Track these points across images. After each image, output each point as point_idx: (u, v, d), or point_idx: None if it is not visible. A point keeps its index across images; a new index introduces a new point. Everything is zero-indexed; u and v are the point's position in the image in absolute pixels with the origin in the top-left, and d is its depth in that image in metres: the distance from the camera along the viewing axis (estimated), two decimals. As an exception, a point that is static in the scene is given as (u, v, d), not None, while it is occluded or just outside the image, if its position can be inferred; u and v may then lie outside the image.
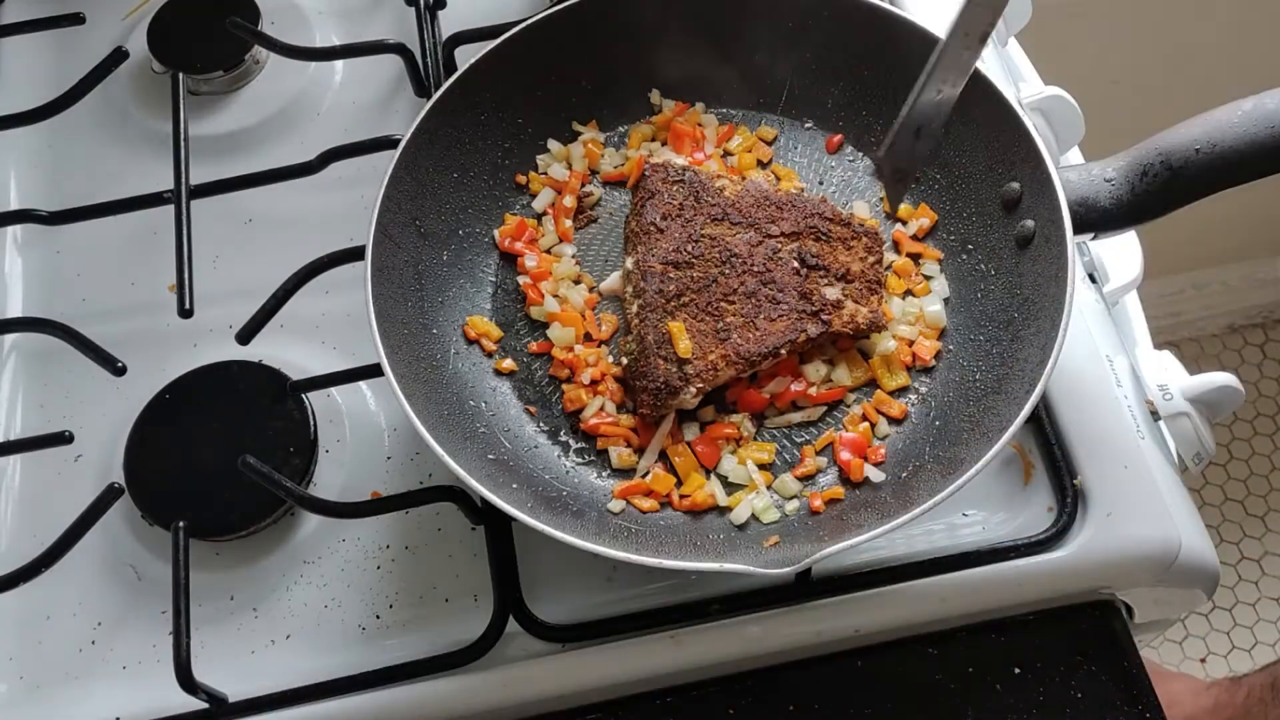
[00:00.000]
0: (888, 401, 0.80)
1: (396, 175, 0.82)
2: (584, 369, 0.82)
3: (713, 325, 0.79)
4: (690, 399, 0.78)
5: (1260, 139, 0.72)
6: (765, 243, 0.82)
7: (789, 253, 0.82)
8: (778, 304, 0.80)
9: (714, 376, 0.78)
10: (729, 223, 0.83)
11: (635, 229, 0.84)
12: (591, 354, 0.83)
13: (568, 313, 0.84)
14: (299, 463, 0.83)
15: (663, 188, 0.85)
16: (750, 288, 0.80)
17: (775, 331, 0.79)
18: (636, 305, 0.81)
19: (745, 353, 0.78)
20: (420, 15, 1.03)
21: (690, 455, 0.79)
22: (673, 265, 0.81)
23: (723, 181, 0.86)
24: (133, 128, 1.02)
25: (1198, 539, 0.81)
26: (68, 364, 0.89)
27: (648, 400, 0.78)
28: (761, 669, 0.77)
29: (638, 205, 0.85)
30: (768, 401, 0.80)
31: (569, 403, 0.81)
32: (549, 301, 0.85)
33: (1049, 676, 0.76)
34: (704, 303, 0.80)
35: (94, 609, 0.82)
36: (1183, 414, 0.86)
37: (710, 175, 0.86)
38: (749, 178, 0.88)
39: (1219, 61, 1.70)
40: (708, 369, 0.78)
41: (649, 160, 0.88)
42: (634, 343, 0.80)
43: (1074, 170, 0.78)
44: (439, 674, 0.76)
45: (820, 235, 0.83)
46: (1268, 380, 2.23)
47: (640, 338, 0.79)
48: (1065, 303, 0.72)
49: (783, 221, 0.83)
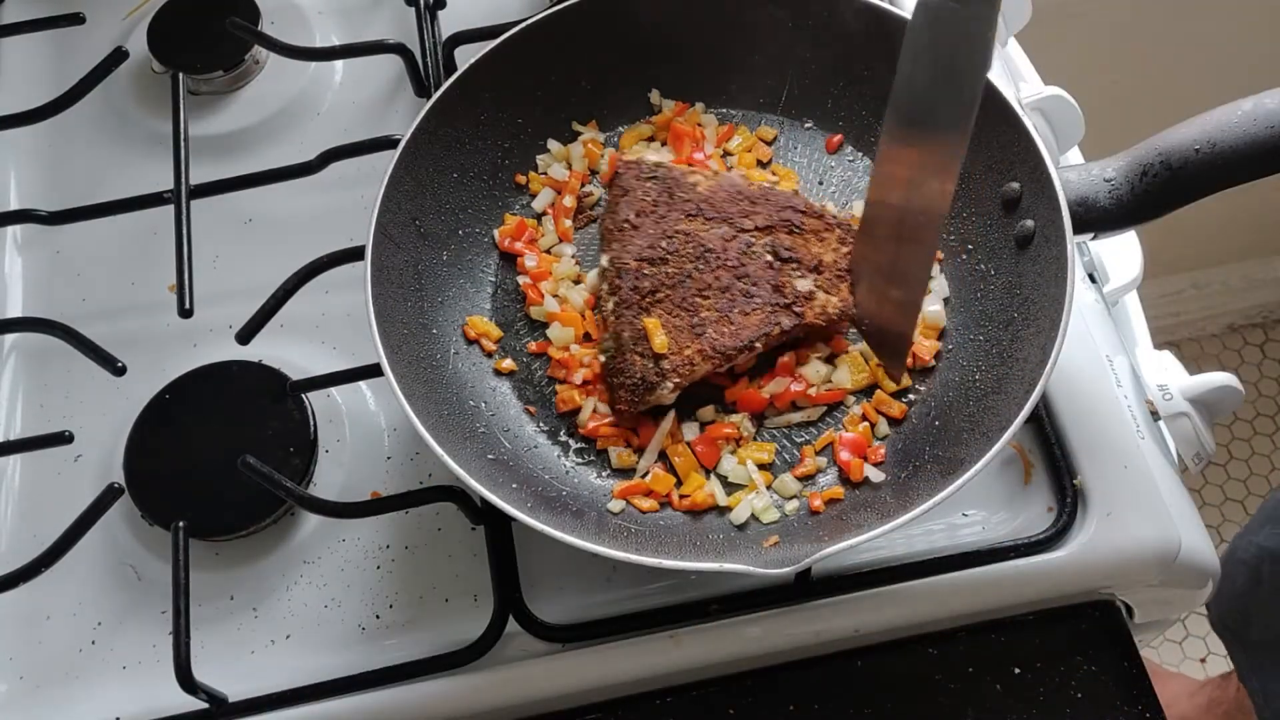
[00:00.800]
0: (887, 402, 0.80)
1: (396, 175, 0.82)
2: (577, 369, 0.82)
3: (688, 320, 0.79)
4: (668, 394, 0.78)
5: (1260, 139, 0.72)
6: (739, 237, 0.82)
7: (762, 246, 0.82)
8: (751, 298, 0.80)
9: (690, 371, 0.78)
10: (703, 218, 0.83)
11: (610, 226, 0.84)
12: (586, 354, 0.83)
13: (567, 313, 0.84)
14: (299, 463, 0.83)
15: (636, 185, 0.85)
16: (724, 282, 0.81)
17: (750, 325, 0.79)
18: (612, 303, 0.81)
19: (721, 347, 0.79)
20: (420, 15, 1.03)
21: (690, 455, 0.79)
22: (647, 262, 0.81)
23: (696, 177, 0.86)
24: (133, 128, 1.02)
25: (1198, 539, 0.81)
26: (68, 364, 0.89)
27: (625, 396, 0.78)
28: (761, 669, 0.77)
29: (612, 203, 0.86)
30: (768, 402, 0.80)
31: (561, 403, 0.82)
32: (549, 301, 0.85)
33: (1049, 676, 0.76)
34: (679, 298, 0.80)
35: (94, 609, 0.82)
36: (1183, 414, 0.86)
37: (684, 171, 0.86)
38: (722, 172, 0.88)
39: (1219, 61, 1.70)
40: (684, 364, 0.78)
41: (622, 158, 0.88)
42: (610, 340, 0.81)
43: (1074, 170, 0.78)
44: (439, 674, 0.76)
45: (793, 228, 0.83)
46: (1268, 380, 2.23)
47: (616, 335, 0.80)
48: (1065, 303, 0.72)
49: (756, 215, 0.83)
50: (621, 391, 0.78)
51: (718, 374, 0.80)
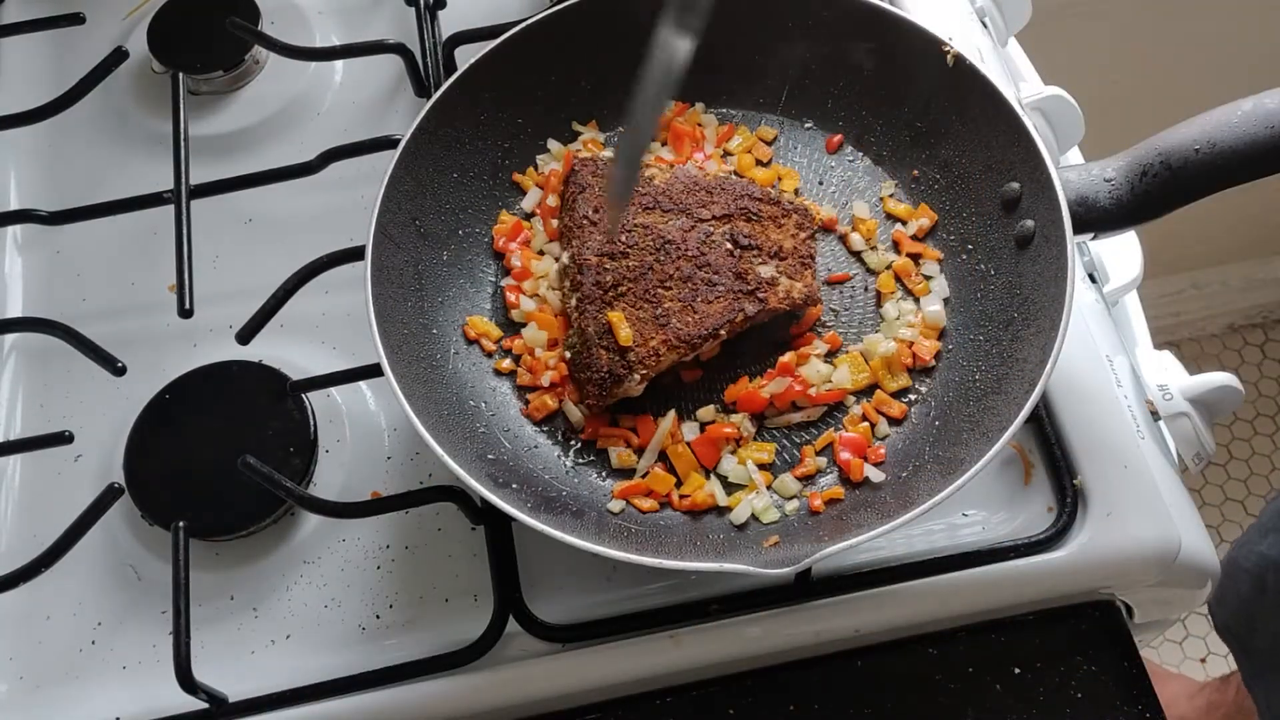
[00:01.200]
0: (888, 402, 0.80)
1: (396, 175, 0.82)
2: (543, 372, 0.82)
3: (651, 312, 0.80)
4: (635, 386, 0.78)
5: (1260, 139, 0.72)
6: (697, 227, 0.83)
7: (721, 235, 0.82)
8: (714, 286, 0.80)
9: (657, 362, 0.79)
10: (660, 210, 0.83)
11: (569, 224, 0.85)
12: (551, 356, 0.83)
13: (544, 314, 0.84)
14: (299, 463, 0.83)
15: (593, 181, 0.85)
16: (686, 272, 0.81)
17: (714, 313, 0.80)
18: (575, 299, 0.81)
19: (686, 336, 0.79)
20: (420, 15, 1.03)
21: (690, 455, 0.79)
22: (608, 257, 0.81)
23: (651, 170, 0.86)
24: (133, 128, 1.02)
25: (1198, 539, 0.81)
26: (68, 364, 0.89)
27: (593, 391, 0.78)
28: (761, 669, 0.77)
29: (569, 200, 0.86)
30: (767, 402, 0.80)
31: (535, 412, 0.81)
32: (524, 302, 0.85)
33: (1049, 676, 0.76)
34: (641, 291, 0.80)
35: (94, 609, 0.82)
36: (1183, 414, 0.86)
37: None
38: (677, 165, 0.88)
39: (1219, 61, 1.70)
40: (650, 355, 0.78)
41: (576, 155, 0.88)
42: (575, 336, 0.81)
43: (1074, 170, 0.78)
44: (439, 674, 0.76)
45: (751, 215, 0.83)
46: (1268, 380, 2.23)
47: (581, 330, 0.80)
48: (1065, 303, 0.72)
49: (713, 205, 0.84)
50: (590, 387, 0.79)
51: (684, 363, 0.81)
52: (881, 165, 0.90)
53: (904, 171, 0.89)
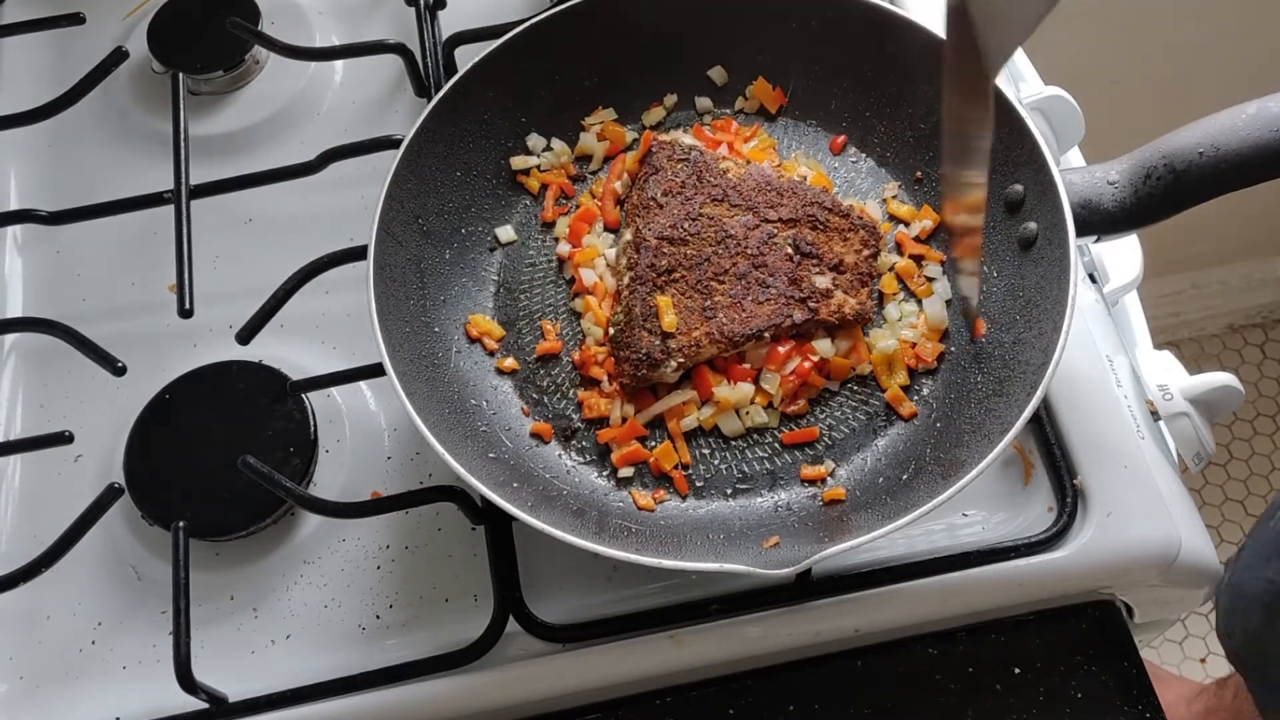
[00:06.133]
0: (900, 399, 0.80)
1: (400, 173, 0.82)
2: (592, 366, 0.82)
3: (700, 303, 0.80)
4: (670, 373, 0.79)
5: (1264, 143, 0.72)
6: (762, 226, 0.83)
7: (784, 239, 0.82)
8: (767, 288, 0.81)
9: (695, 353, 0.79)
10: (728, 204, 0.84)
11: (636, 203, 0.85)
12: (600, 352, 0.83)
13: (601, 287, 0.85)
14: (299, 463, 0.83)
15: (667, 164, 0.85)
16: (742, 269, 0.81)
17: (761, 314, 0.80)
18: (628, 277, 0.82)
19: (729, 332, 0.79)
20: (420, 15, 1.03)
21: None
22: (668, 240, 0.82)
23: (727, 164, 0.86)
24: (133, 128, 1.02)
25: (1198, 539, 0.81)
26: (68, 364, 0.89)
27: (628, 370, 0.79)
28: (761, 669, 0.77)
29: (641, 179, 0.86)
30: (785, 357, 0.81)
31: (588, 409, 0.81)
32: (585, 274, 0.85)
33: (1049, 676, 0.76)
34: (694, 280, 0.81)
35: (94, 609, 0.82)
36: (1183, 414, 0.86)
37: (715, 157, 0.87)
38: (753, 162, 0.88)
39: (1220, 62, 1.70)
40: (690, 345, 0.79)
41: (657, 137, 0.88)
42: (622, 313, 0.81)
43: (1077, 173, 0.78)
44: (439, 674, 0.76)
45: (818, 224, 0.83)
46: (1268, 380, 2.23)
47: (628, 309, 0.80)
48: (1067, 305, 0.72)
49: (781, 207, 0.84)
50: (625, 365, 0.79)
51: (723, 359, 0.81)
52: (885, 166, 0.90)
53: (907, 173, 0.89)
